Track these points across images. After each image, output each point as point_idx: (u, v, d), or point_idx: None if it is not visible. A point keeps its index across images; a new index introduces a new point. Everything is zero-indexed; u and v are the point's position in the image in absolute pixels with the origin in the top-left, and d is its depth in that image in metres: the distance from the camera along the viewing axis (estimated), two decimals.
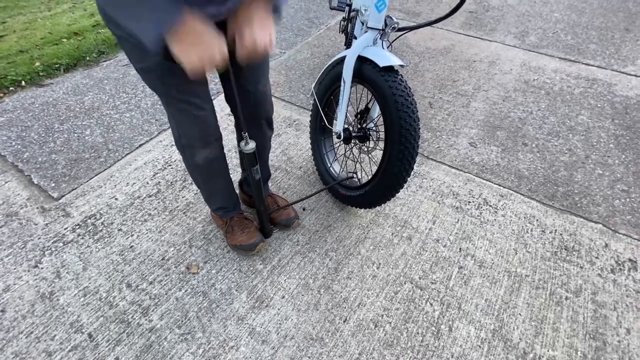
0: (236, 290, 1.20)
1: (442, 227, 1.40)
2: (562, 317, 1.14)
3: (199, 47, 0.68)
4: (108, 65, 2.36)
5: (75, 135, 1.80)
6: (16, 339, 1.07)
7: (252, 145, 1.01)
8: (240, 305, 1.16)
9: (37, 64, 2.28)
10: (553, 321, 1.13)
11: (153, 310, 1.14)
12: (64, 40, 2.59)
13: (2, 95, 2.07)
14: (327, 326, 1.11)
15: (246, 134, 0.99)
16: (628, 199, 1.52)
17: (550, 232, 1.39)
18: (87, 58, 2.40)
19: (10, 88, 2.12)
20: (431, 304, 1.17)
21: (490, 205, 1.49)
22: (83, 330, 1.09)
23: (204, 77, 0.72)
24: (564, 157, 1.73)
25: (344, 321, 1.13)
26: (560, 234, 1.39)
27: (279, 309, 1.15)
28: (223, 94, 1.10)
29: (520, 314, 1.15)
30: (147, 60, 0.80)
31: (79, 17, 2.96)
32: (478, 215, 1.45)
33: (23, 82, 2.15)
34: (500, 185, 1.58)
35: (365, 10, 1.49)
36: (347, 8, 2.00)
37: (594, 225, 1.42)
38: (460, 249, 1.33)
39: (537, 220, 1.44)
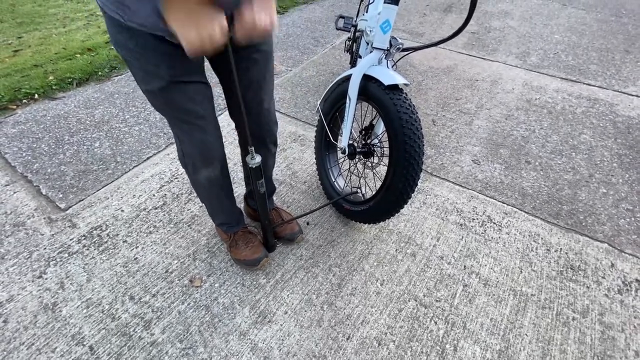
0: (239, 305, 1.19)
1: (446, 244, 1.40)
2: (570, 338, 1.12)
3: (198, 23, 0.65)
4: (119, 80, 2.42)
5: (85, 147, 1.84)
6: (17, 350, 1.07)
7: (257, 159, 1.02)
8: (242, 320, 1.15)
9: (51, 77, 2.35)
10: (560, 342, 1.11)
11: (155, 324, 1.14)
12: (78, 55, 2.67)
13: (15, 107, 2.13)
14: (330, 343, 1.10)
15: (252, 147, 1.01)
16: (633, 218, 1.51)
17: (555, 251, 1.38)
18: (100, 73, 2.48)
19: (24, 101, 2.18)
20: (435, 323, 1.15)
21: (494, 223, 1.49)
22: (84, 343, 1.09)
23: (205, 54, 0.69)
24: (568, 176, 1.73)
25: (347, 339, 1.11)
26: (566, 253, 1.37)
27: (281, 325, 1.14)
28: (227, 111, 1.12)
29: (526, 335, 1.13)
30: (153, 82, 0.83)
31: (92, 34, 3.07)
32: (482, 233, 1.44)
33: (36, 95, 2.21)
34: (504, 203, 1.58)
35: (370, 31, 1.54)
36: (352, 29, 2.06)
37: (600, 244, 1.41)
38: (464, 266, 1.32)
39: (541, 238, 1.43)
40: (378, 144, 1.34)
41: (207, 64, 0.96)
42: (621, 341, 1.12)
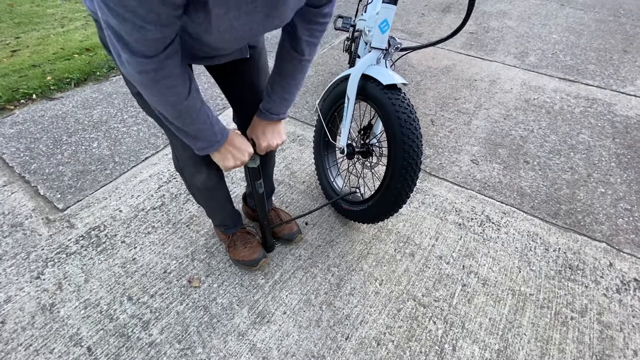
0: (237, 305, 1.19)
1: (445, 243, 1.40)
2: (568, 337, 1.12)
3: (235, 155, 0.87)
4: (117, 80, 2.42)
5: (83, 147, 1.84)
6: (15, 352, 1.06)
7: (257, 160, 1.02)
8: (241, 321, 1.15)
9: (49, 78, 2.34)
10: (559, 342, 1.11)
11: (153, 324, 1.13)
12: (76, 55, 2.67)
13: (13, 107, 2.12)
14: (329, 343, 1.10)
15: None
16: (631, 218, 1.52)
17: (554, 251, 1.38)
18: (98, 73, 2.47)
19: (22, 101, 2.17)
20: (434, 322, 1.15)
21: (493, 223, 1.49)
22: (82, 344, 1.08)
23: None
24: (566, 175, 1.73)
25: (346, 339, 1.11)
26: (564, 253, 1.38)
27: (280, 325, 1.14)
28: (227, 110, 1.12)
29: (525, 334, 1.13)
30: None
31: (90, 34, 3.06)
32: (481, 233, 1.45)
33: (34, 96, 2.21)
34: (502, 203, 1.58)
35: (369, 31, 1.54)
36: (351, 28, 2.06)
37: (598, 244, 1.41)
38: (463, 266, 1.32)
39: (540, 238, 1.43)
40: (377, 144, 1.34)
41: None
42: (620, 340, 1.12)
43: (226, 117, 2.03)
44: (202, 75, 2.41)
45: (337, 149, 1.39)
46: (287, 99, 0.91)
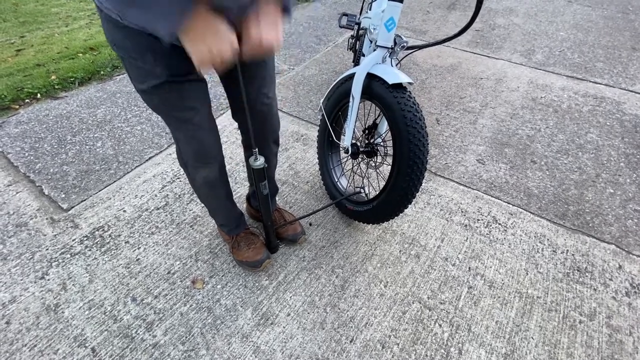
0: (241, 307, 1.18)
1: (450, 245, 1.38)
2: (577, 341, 1.11)
3: (209, 40, 0.66)
4: (121, 79, 2.41)
5: (87, 147, 1.84)
6: (19, 352, 1.06)
7: (261, 160, 1.01)
8: (245, 322, 1.14)
9: (53, 77, 2.35)
10: (567, 346, 1.09)
11: (157, 326, 1.13)
12: (80, 54, 2.67)
13: (17, 107, 2.13)
14: (333, 346, 1.09)
15: (256, 149, 1.00)
16: None
17: (561, 252, 1.36)
18: (102, 72, 2.47)
19: (26, 100, 2.17)
20: (440, 325, 1.14)
21: (499, 224, 1.47)
22: (87, 345, 1.08)
23: (214, 70, 0.70)
24: (574, 176, 1.71)
25: (351, 341, 1.10)
26: (572, 255, 1.35)
27: (284, 327, 1.13)
28: (230, 111, 1.11)
29: (532, 338, 1.11)
30: (149, 81, 0.81)
31: (94, 33, 3.06)
32: (487, 234, 1.43)
33: (38, 95, 2.21)
34: (509, 203, 1.56)
35: (374, 29, 1.52)
36: (356, 26, 2.04)
37: (607, 245, 1.39)
38: (469, 268, 1.30)
39: (547, 239, 1.41)
40: (381, 143, 1.32)
41: None
42: (629, 344, 1.10)
43: (228, 116, 2.02)
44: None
45: (341, 148, 1.38)
46: None
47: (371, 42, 1.61)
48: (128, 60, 0.79)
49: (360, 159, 1.41)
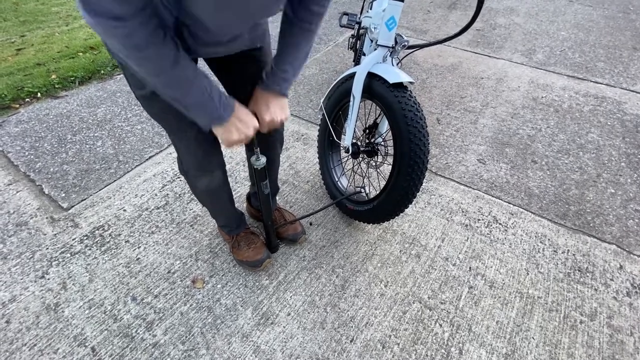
0: (241, 306, 1.18)
1: (451, 245, 1.38)
2: (577, 342, 1.10)
3: (239, 129, 0.80)
4: (122, 79, 2.41)
5: (87, 146, 1.83)
6: (19, 351, 1.06)
7: (262, 160, 1.01)
8: (245, 322, 1.14)
9: (53, 76, 2.35)
10: (568, 346, 1.09)
11: (157, 325, 1.13)
12: (80, 54, 2.67)
13: (18, 106, 2.13)
14: (334, 346, 1.09)
15: (257, 149, 0.99)
16: None
17: (562, 252, 1.36)
18: (102, 71, 2.47)
19: (26, 99, 2.17)
20: (440, 325, 1.14)
21: (500, 224, 1.47)
22: (87, 344, 1.08)
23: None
24: (575, 176, 1.70)
25: (351, 341, 1.10)
26: (573, 255, 1.35)
27: (284, 327, 1.13)
28: None
29: (533, 338, 1.11)
30: (148, 87, 0.80)
31: (95, 32, 3.06)
32: (488, 234, 1.42)
33: (39, 94, 2.21)
34: (510, 203, 1.56)
35: (375, 28, 1.52)
36: (356, 26, 2.04)
37: (608, 245, 1.39)
38: (470, 268, 1.30)
39: (548, 239, 1.41)
40: (382, 143, 1.32)
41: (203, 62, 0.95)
42: (630, 345, 1.10)
43: None
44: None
45: (341, 148, 1.38)
46: (295, 67, 0.87)
47: (372, 41, 1.61)
48: (127, 66, 0.77)
49: (360, 159, 1.41)
